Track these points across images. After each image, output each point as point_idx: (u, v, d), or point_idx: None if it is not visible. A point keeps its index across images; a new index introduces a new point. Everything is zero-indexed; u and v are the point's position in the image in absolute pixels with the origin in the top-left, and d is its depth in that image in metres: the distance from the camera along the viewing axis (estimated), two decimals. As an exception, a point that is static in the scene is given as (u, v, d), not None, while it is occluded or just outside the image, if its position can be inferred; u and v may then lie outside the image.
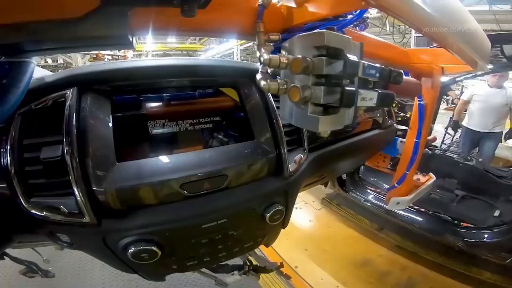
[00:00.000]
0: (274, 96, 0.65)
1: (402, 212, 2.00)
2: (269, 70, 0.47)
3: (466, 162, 2.37)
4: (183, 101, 0.61)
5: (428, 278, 1.83)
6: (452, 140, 4.55)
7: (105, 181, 0.46)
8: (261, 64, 0.44)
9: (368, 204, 2.19)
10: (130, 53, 8.11)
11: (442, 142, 4.24)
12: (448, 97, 5.84)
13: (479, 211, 2.02)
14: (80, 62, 7.01)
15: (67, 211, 0.46)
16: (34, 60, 0.47)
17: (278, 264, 1.15)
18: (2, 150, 0.47)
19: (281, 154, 0.62)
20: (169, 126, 0.56)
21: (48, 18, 0.36)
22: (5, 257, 0.87)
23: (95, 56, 7.60)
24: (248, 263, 1.08)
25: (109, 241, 0.50)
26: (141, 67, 0.58)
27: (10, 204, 0.47)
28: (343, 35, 0.39)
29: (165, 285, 1.64)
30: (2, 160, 0.47)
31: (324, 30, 0.38)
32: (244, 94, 0.64)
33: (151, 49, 10.07)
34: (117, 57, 8.00)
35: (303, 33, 0.41)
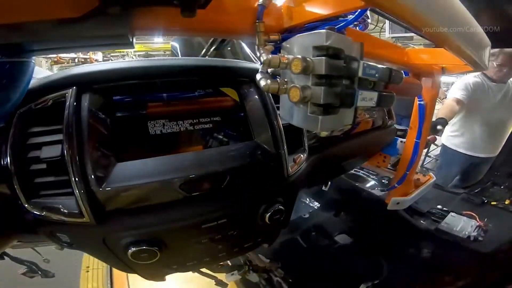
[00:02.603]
0: (274, 96, 0.65)
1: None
2: (269, 70, 0.47)
3: (372, 191, 1.54)
4: (183, 101, 0.61)
5: None
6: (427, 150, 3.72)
7: (105, 181, 0.46)
8: (261, 64, 0.44)
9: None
10: (99, 55, 7.75)
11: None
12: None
13: (348, 279, 1.21)
14: (44, 65, 6.85)
15: (67, 211, 0.46)
16: (34, 60, 0.47)
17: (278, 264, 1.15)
18: (2, 150, 0.47)
19: (280, 154, 0.62)
20: (169, 126, 0.56)
21: (47, 18, 0.36)
22: (5, 257, 0.87)
23: (56, 59, 7.38)
24: (248, 263, 1.08)
25: (109, 241, 0.50)
26: (141, 67, 0.58)
27: (10, 204, 0.47)
28: (343, 35, 0.39)
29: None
30: (2, 160, 0.47)
31: (324, 30, 0.38)
32: (244, 94, 0.64)
33: (131, 50, 9.64)
34: (82, 60, 7.62)
35: (303, 33, 0.41)
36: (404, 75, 0.54)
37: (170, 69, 0.61)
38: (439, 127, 1.61)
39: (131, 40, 0.43)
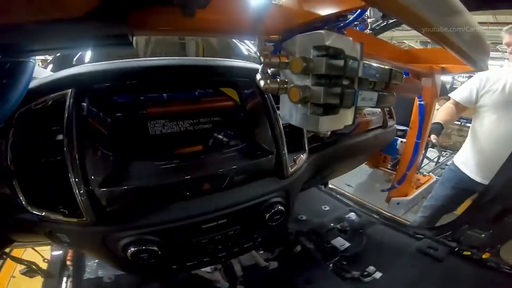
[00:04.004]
0: (274, 96, 0.65)
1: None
2: (269, 70, 0.47)
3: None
4: (183, 101, 0.61)
5: None
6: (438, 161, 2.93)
7: (105, 181, 0.46)
8: (261, 64, 0.44)
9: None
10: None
11: (418, 170, 2.49)
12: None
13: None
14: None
15: (67, 211, 0.46)
16: (34, 60, 0.47)
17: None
18: (2, 150, 0.47)
19: (281, 155, 0.62)
20: (169, 126, 0.56)
21: (48, 18, 0.36)
22: (5, 256, 0.87)
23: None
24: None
25: (109, 241, 0.50)
26: (141, 67, 0.58)
27: (10, 204, 0.47)
28: (343, 35, 0.39)
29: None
30: (2, 160, 0.47)
31: (324, 30, 0.38)
32: (244, 94, 0.64)
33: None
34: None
35: (303, 33, 0.41)
36: (404, 75, 0.54)
37: (170, 69, 0.61)
38: (432, 136, 1.27)
39: (131, 39, 0.43)
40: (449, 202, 1.42)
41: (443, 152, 2.67)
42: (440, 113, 1.43)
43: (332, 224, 1.31)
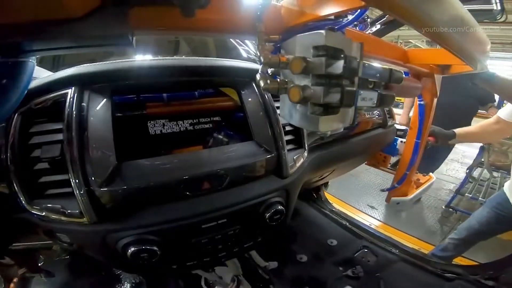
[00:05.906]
0: (274, 96, 0.65)
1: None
2: (269, 70, 0.47)
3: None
4: (183, 101, 0.61)
5: None
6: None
7: (105, 181, 0.46)
8: (261, 64, 0.44)
9: None
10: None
11: (458, 192, 2.19)
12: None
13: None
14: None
15: (67, 211, 0.46)
16: (34, 60, 0.47)
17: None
18: (2, 149, 0.47)
19: (280, 154, 0.62)
20: (169, 126, 0.56)
21: (48, 18, 0.36)
22: (5, 257, 0.87)
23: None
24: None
25: (109, 241, 0.50)
26: (141, 67, 0.58)
27: (10, 204, 0.47)
28: (343, 35, 0.39)
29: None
30: (2, 159, 0.47)
31: (324, 30, 0.38)
32: (244, 94, 0.64)
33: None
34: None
35: (303, 33, 0.41)
36: (404, 75, 0.54)
37: (170, 69, 0.61)
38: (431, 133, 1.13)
39: (131, 39, 0.43)
40: (484, 223, 1.26)
41: (493, 173, 2.16)
42: (476, 125, 1.26)
43: (341, 268, 1.01)
